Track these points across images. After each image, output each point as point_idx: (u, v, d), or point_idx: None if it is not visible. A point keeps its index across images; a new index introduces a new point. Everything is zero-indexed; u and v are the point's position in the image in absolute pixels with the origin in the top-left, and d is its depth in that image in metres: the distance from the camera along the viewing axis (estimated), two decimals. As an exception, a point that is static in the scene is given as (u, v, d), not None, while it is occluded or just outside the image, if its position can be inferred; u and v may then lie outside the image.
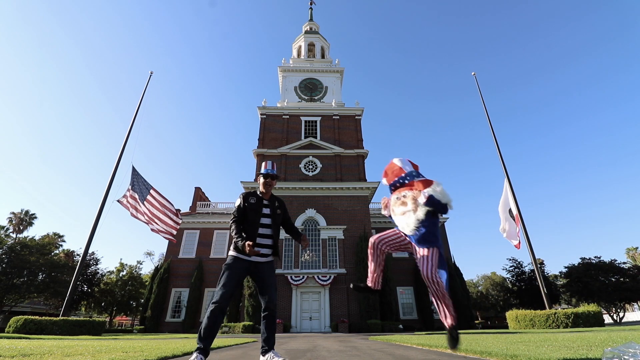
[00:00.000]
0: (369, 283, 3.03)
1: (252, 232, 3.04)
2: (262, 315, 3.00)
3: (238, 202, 3.16)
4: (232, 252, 3.05)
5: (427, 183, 2.77)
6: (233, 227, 3.05)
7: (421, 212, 2.66)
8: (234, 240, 3.03)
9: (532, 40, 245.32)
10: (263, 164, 3.38)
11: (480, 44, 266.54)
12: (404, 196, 2.83)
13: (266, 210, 3.16)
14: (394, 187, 3.01)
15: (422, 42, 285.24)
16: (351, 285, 3.26)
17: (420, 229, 2.69)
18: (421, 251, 2.72)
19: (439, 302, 2.70)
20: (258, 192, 3.25)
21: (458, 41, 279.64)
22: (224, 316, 2.82)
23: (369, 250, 2.99)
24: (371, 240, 2.96)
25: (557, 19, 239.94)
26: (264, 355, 2.89)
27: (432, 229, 2.73)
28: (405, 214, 2.75)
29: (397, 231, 2.92)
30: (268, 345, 2.92)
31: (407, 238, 2.86)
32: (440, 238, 2.84)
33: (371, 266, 3.03)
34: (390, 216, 3.04)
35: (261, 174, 3.31)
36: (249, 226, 3.07)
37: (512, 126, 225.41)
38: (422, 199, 2.66)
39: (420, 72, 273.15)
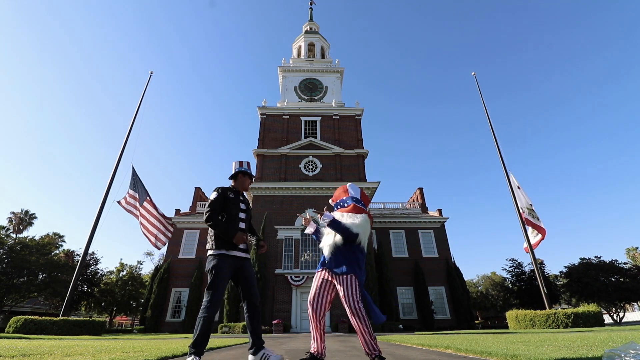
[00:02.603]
0: (316, 350, 2.69)
1: (235, 228, 2.98)
2: (249, 313, 2.91)
3: (215, 195, 3.03)
4: (215, 251, 2.88)
5: (356, 209, 2.91)
6: (215, 220, 2.90)
7: (339, 237, 2.77)
8: (217, 233, 2.90)
9: (532, 44, 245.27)
10: (237, 163, 3.30)
11: (480, 48, 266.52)
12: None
13: (242, 206, 3.16)
14: (335, 208, 3.12)
15: (422, 44, 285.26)
16: None
17: (336, 253, 2.77)
18: (339, 279, 2.72)
19: (363, 334, 2.63)
20: (234, 188, 3.22)
21: (458, 44, 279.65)
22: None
23: (311, 314, 2.75)
24: (310, 302, 2.78)
25: (558, 22, 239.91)
26: (255, 355, 2.78)
27: (349, 255, 2.76)
28: (328, 235, 2.88)
29: (317, 282, 2.83)
30: (258, 343, 2.83)
31: (327, 276, 2.80)
32: (361, 267, 2.79)
33: (317, 332, 2.74)
34: (315, 233, 3.11)
35: (247, 172, 3.28)
36: (230, 221, 2.98)
37: (513, 129, 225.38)
38: (325, 219, 2.77)
39: (420, 74, 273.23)
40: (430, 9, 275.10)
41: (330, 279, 2.79)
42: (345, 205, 2.99)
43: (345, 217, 2.86)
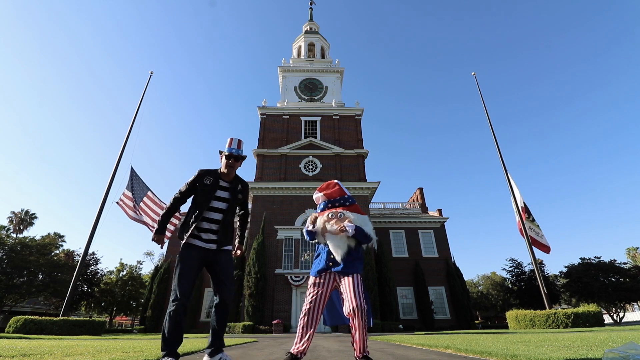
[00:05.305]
0: (297, 350, 2.61)
1: (197, 215, 2.70)
2: (216, 310, 2.66)
3: (191, 178, 2.83)
4: (182, 240, 2.70)
5: (360, 209, 2.94)
6: (167, 206, 2.83)
7: (353, 241, 2.72)
8: (183, 220, 2.77)
9: (532, 45, 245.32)
10: (228, 140, 2.94)
11: (481, 48, 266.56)
12: (342, 215, 2.80)
13: (223, 194, 2.83)
14: (331, 204, 2.95)
15: (422, 45, 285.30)
16: None
17: (350, 254, 2.70)
18: (347, 279, 2.66)
19: (359, 331, 2.55)
20: (218, 172, 2.91)
21: (459, 45, 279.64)
22: (186, 314, 2.54)
23: (306, 322, 2.65)
24: (309, 312, 2.65)
25: (558, 24, 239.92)
26: (211, 357, 2.56)
27: (357, 255, 2.77)
28: (339, 235, 2.71)
29: (316, 286, 2.71)
30: (218, 344, 2.60)
31: (327, 282, 2.72)
32: (362, 265, 2.81)
33: (309, 335, 2.63)
34: (310, 232, 2.90)
35: (223, 153, 2.90)
36: (195, 208, 2.75)
37: (513, 129, 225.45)
38: (351, 230, 2.67)
39: (420, 74, 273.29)
40: (430, 9, 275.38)
41: (331, 283, 2.73)
42: (347, 204, 2.95)
43: (359, 220, 2.81)
